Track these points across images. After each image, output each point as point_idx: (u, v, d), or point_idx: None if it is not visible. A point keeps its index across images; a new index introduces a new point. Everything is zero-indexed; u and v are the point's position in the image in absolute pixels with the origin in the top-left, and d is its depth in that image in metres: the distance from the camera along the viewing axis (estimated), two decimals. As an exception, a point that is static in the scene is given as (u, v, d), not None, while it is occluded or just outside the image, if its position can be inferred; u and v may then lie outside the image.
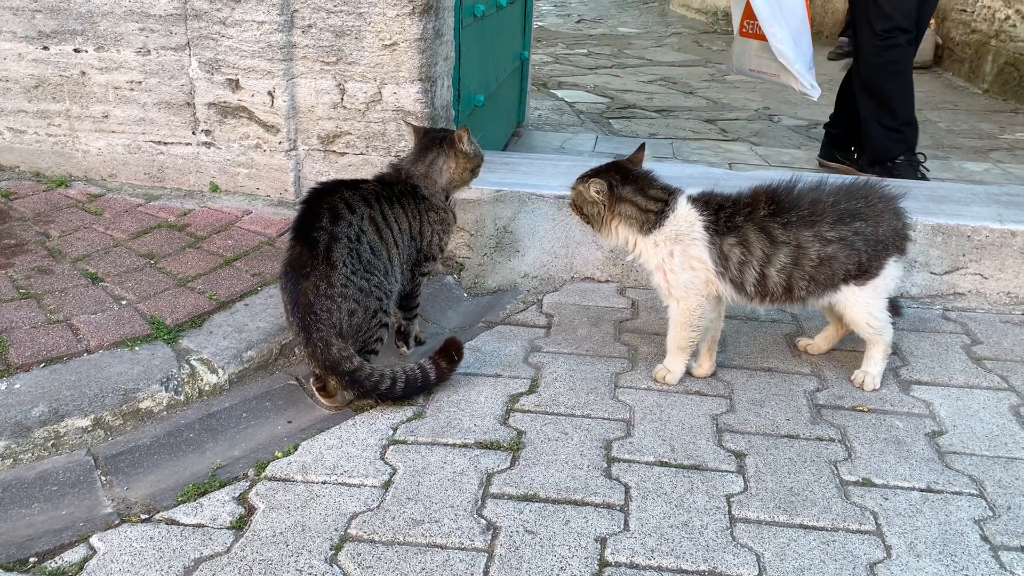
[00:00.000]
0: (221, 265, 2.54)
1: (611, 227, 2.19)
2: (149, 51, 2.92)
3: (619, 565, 1.61)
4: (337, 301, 1.99)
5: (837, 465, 1.93)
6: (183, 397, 2.04)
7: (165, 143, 3.03)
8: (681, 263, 2.12)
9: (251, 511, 1.73)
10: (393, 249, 2.16)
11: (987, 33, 5.57)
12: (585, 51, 7.72)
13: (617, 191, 2.15)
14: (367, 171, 2.77)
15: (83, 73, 2.98)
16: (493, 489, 1.81)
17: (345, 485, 1.82)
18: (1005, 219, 2.75)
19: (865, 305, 2.17)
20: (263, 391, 2.13)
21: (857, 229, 2.10)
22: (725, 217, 2.11)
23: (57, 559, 1.60)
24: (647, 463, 1.91)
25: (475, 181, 2.38)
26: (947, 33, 6.71)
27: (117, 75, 2.97)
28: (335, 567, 1.58)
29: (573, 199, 2.23)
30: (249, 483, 1.82)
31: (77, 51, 2.96)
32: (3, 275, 2.42)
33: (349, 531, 1.68)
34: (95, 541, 1.65)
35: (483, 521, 1.71)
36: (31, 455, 1.83)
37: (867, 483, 1.87)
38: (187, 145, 3.02)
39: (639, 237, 2.17)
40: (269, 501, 1.76)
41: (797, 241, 2.08)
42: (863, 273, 2.13)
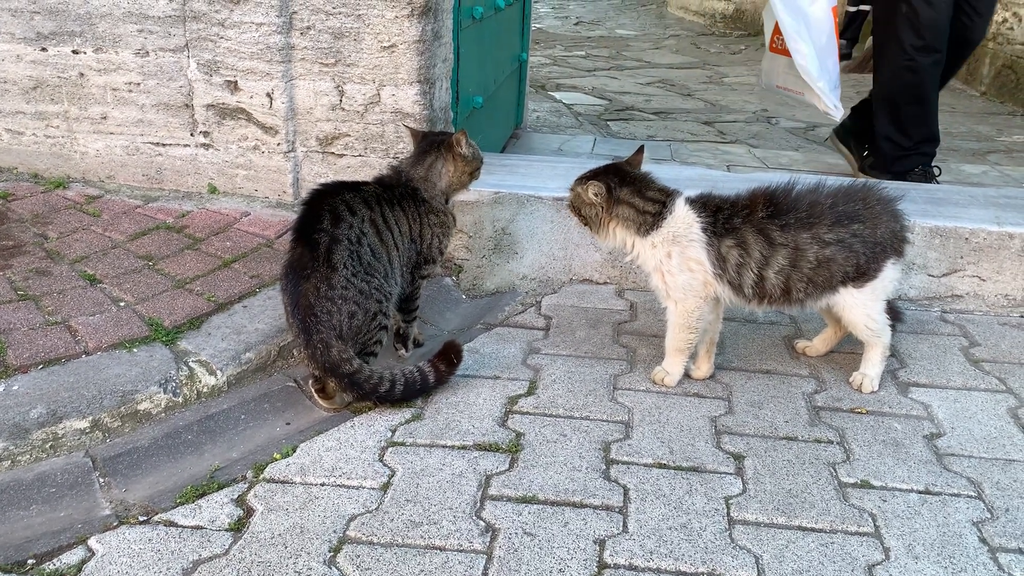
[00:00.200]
0: (219, 267, 2.54)
1: (609, 229, 2.19)
2: (147, 52, 2.92)
3: (618, 567, 1.61)
4: (337, 303, 1.98)
5: (835, 467, 1.93)
6: (181, 399, 2.04)
7: (163, 145, 3.03)
8: (679, 265, 2.13)
9: (250, 513, 1.73)
10: (394, 251, 2.16)
11: (985, 37, 5.59)
12: (583, 53, 7.73)
13: (615, 193, 2.15)
14: (366, 173, 2.77)
15: (81, 74, 2.98)
16: (492, 491, 1.81)
17: (344, 487, 1.82)
18: (1003, 221, 2.75)
19: (863, 307, 2.17)
20: (261, 393, 2.13)
21: (855, 231, 2.10)
22: (723, 219, 2.11)
23: (55, 561, 1.60)
24: (646, 465, 1.92)
25: (474, 183, 2.38)
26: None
27: (115, 76, 2.96)
28: (334, 569, 1.58)
29: (571, 201, 2.23)
30: (247, 485, 1.82)
31: (75, 52, 2.96)
32: (1, 277, 2.41)
33: (348, 533, 1.68)
34: (93, 543, 1.64)
35: (482, 523, 1.71)
36: (29, 457, 1.83)
37: (865, 485, 1.87)
38: (185, 147, 3.02)
39: (637, 239, 2.17)
40: (267, 503, 1.76)
41: (795, 243, 2.09)
42: (861, 275, 2.13)
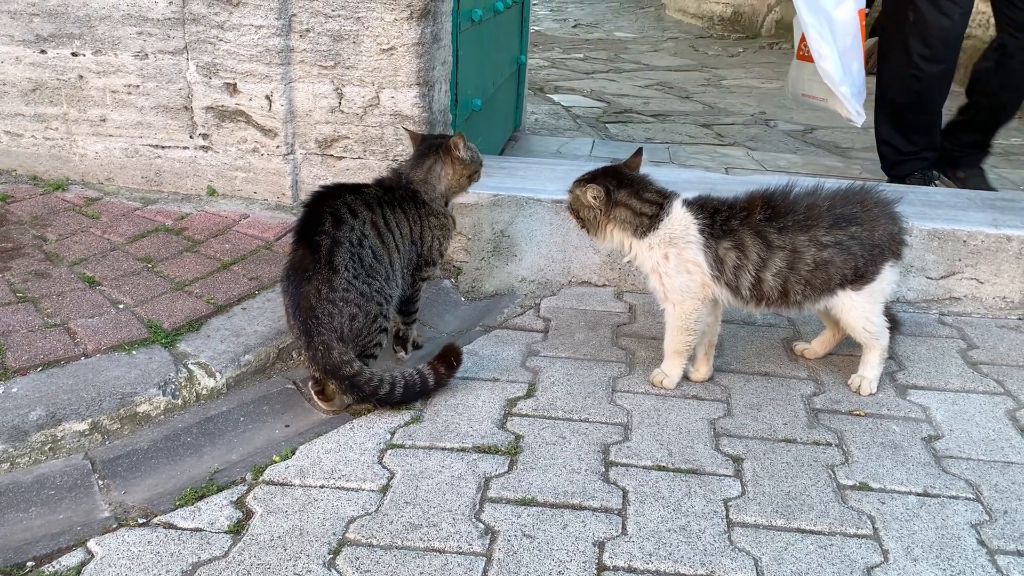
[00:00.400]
0: (218, 269, 2.54)
1: (607, 230, 2.19)
2: (147, 55, 2.92)
3: (617, 569, 1.61)
4: (339, 305, 1.99)
5: (834, 469, 1.93)
6: (180, 401, 2.04)
7: (162, 147, 3.03)
8: (676, 266, 2.13)
9: (249, 515, 1.73)
10: (395, 253, 2.16)
11: (981, 39, 5.58)
12: (582, 56, 7.74)
13: (613, 195, 2.15)
14: (365, 175, 2.77)
15: (80, 77, 2.98)
16: (491, 493, 1.81)
17: (343, 489, 1.82)
18: (1000, 224, 2.76)
19: (861, 310, 2.17)
20: (261, 395, 2.13)
21: (853, 234, 2.11)
22: (721, 221, 2.12)
23: (54, 563, 1.60)
24: (645, 467, 1.92)
25: (473, 185, 2.38)
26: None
27: (115, 79, 2.97)
28: (333, 571, 1.58)
29: (570, 203, 2.23)
30: (247, 487, 1.82)
31: (75, 55, 2.96)
32: (0, 279, 2.41)
33: (347, 535, 1.68)
34: (92, 545, 1.64)
35: (481, 525, 1.71)
36: (28, 459, 1.83)
37: (864, 487, 1.88)
38: (184, 149, 3.02)
39: (634, 240, 2.17)
40: (267, 505, 1.76)
41: (793, 245, 2.09)
42: (859, 278, 2.13)
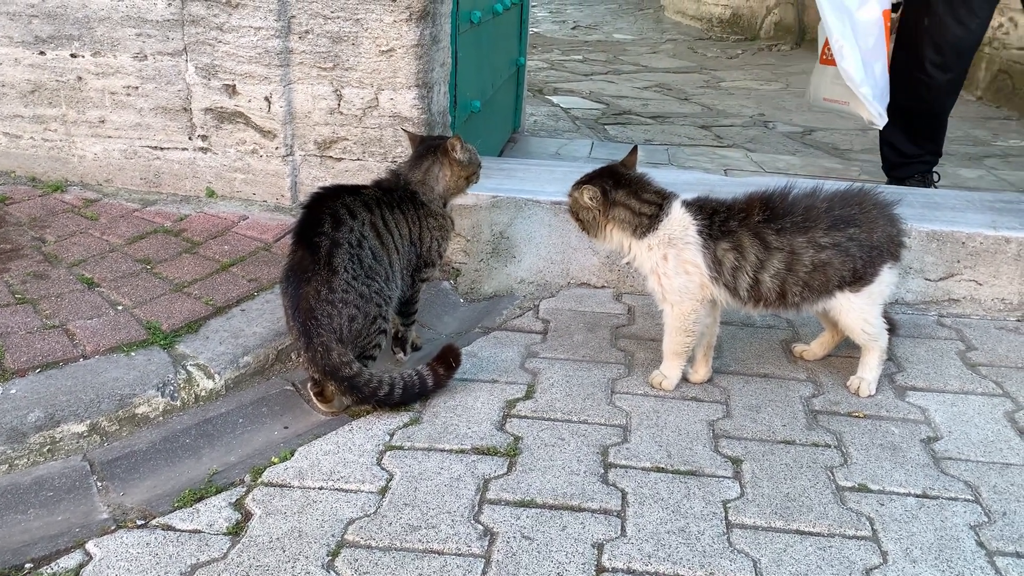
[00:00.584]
0: (217, 270, 2.54)
1: (606, 231, 2.19)
2: (146, 56, 2.92)
3: (616, 571, 1.61)
4: (338, 307, 1.99)
5: (833, 471, 1.93)
6: (179, 402, 2.04)
7: (161, 148, 3.03)
8: (675, 267, 2.13)
9: (248, 517, 1.73)
10: (394, 255, 2.16)
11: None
12: (580, 57, 7.74)
13: (611, 196, 2.15)
14: (364, 177, 2.77)
15: (79, 78, 2.98)
16: (490, 495, 1.81)
17: (342, 491, 1.81)
18: (999, 226, 2.76)
19: (860, 311, 2.17)
20: (260, 396, 2.13)
21: (851, 235, 2.11)
22: (719, 222, 2.12)
23: (53, 565, 1.60)
24: (644, 469, 1.92)
25: (472, 187, 2.38)
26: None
27: (114, 80, 2.97)
28: (332, 573, 1.58)
29: (570, 206, 2.23)
30: (246, 489, 1.82)
31: (74, 56, 2.96)
32: (-1, 280, 2.42)
33: (346, 537, 1.67)
34: (91, 547, 1.64)
35: (480, 527, 1.71)
36: (27, 460, 1.83)
37: (863, 489, 1.88)
38: (183, 150, 3.02)
39: (633, 241, 2.17)
40: (266, 507, 1.76)
41: (791, 247, 2.09)
42: (858, 279, 2.14)
